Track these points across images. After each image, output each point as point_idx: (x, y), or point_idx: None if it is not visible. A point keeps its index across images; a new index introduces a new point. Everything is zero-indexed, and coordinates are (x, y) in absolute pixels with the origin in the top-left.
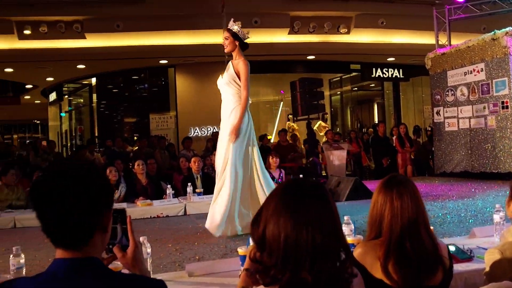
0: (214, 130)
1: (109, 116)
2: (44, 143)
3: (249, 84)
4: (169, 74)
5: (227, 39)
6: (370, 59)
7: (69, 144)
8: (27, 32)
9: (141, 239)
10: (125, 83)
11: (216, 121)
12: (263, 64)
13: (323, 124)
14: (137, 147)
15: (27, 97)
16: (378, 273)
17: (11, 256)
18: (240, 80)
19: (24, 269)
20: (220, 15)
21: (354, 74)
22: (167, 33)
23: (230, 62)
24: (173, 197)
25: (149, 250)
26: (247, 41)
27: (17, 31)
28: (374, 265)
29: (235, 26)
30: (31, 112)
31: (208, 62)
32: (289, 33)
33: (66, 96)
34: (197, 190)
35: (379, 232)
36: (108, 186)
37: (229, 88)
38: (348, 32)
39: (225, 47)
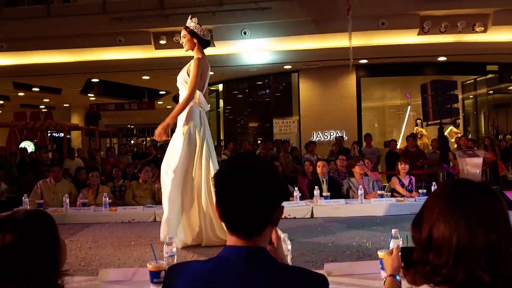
0: (338, 135)
1: (234, 120)
2: None
3: (197, 83)
4: (293, 79)
5: (185, 37)
6: (510, 59)
7: None
8: (162, 42)
9: (282, 236)
10: (250, 88)
11: (339, 125)
12: (390, 67)
13: (454, 129)
14: (259, 151)
15: (160, 102)
16: None
17: (165, 244)
18: None
19: (175, 257)
20: (346, 18)
21: (490, 76)
22: (292, 38)
23: (190, 62)
24: (299, 200)
25: (289, 247)
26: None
27: (154, 42)
28: None
29: (191, 23)
30: (163, 117)
31: (332, 66)
32: (418, 34)
33: None
34: (324, 194)
35: None
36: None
37: (181, 90)
38: (484, 31)
39: (183, 46)
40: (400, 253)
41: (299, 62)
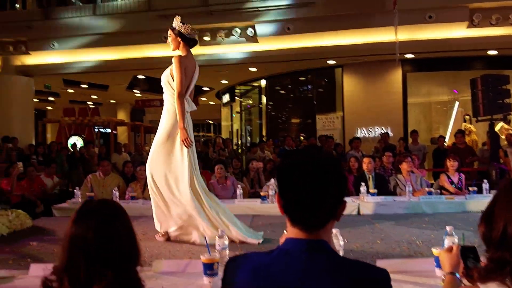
0: (382, 131)
1: (276, 116)
2: (218, 140)
3: (182, 80)
4: (336, 74)
5: (170, 36)
6: None
7: (239, 142)
8: (206, 38)
9: (333, 231)
10: (293, 84)
11: (384, 121)
12: (437, 62)
13: (505, 126)
14: (302, 147)
15: (203, 98)
16: None
17: (217, 237)
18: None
19: (227, 250)
20: (392, 12)
21: None
22: (336, 33)
23: None
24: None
25: (341, 243)
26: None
27: (198, 38)
28: None
29: (175, 22)
30: (206, 113)
31: (378, 61)
32: (467, 27)
33: (238, 98)
34: (371, 191)
35: None
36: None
37: (164, 89)
38: None
39: (169, 45)
40: (459, 251)
41: (343, 57)
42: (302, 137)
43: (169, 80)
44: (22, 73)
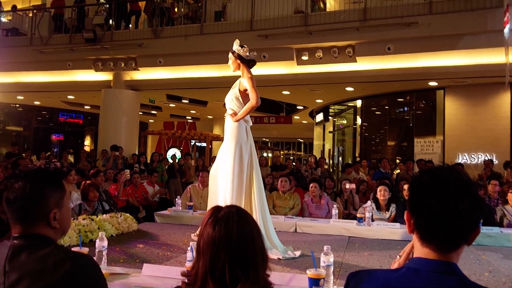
0: (486, 158)
1: (371, 137)
2: (311, 159)
3: (257, 92)
4: (438, 96)
5: (230, 59)
6: None
7: (330, 162)
8: (304, 58)
9: None
10: (390, 105)
11: (489, 148)
12: None
13: None
14: (398, 170)
15: (296, 117)
16: None
17: (322, 254)
18: (242, 99)
19: (332, 266)
20: (501, 32)
21: None
22: (440, 54)
23: (238, 80)
24: None
25: None
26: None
27: (296, 57)
28: None
29: (235, 46)
30: (297, 131)
31: (484, 83)
32: None
33: (331, 118)
34: None
35: None
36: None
37: (231, 105)
38: None
39: (230, 67)
40: None
41: (446, 79)
42: (398, 160)
43: (238, 97)
44: (130, 87)
